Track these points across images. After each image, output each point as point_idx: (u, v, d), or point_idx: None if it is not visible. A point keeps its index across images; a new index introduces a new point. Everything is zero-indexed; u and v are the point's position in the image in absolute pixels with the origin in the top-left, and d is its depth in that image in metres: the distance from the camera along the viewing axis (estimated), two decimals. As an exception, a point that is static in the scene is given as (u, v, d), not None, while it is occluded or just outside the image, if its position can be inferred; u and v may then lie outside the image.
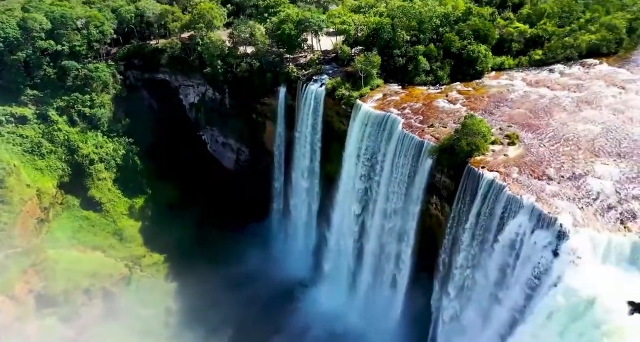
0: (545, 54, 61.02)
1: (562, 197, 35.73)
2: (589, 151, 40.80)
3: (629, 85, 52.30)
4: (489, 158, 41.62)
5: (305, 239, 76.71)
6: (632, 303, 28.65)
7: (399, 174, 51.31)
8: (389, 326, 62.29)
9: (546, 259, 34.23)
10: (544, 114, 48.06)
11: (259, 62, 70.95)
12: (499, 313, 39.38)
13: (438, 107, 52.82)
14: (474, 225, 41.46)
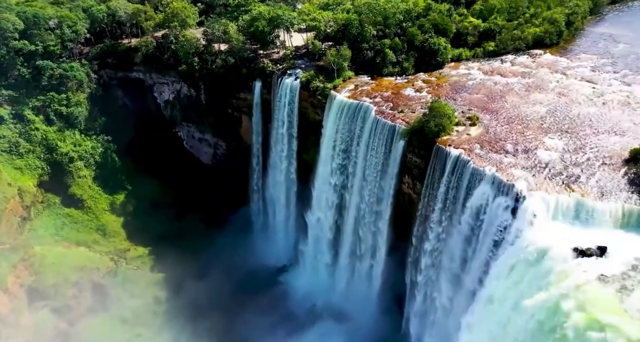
0: (497, 46, 67.38)
1: (518, 167, 41.39)
2: (538, 128, 46.85)
3: (569, 72, 59.22)
4: (454, 137, 46.92)
5: (284, 227, 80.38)
6: (576, 249, 34.12)
7: (374, 157, 55.96)
8: (368, 301, 67.26)
9: (506, 220, 39.72)
10: (499, 98, 53.97)
11: (233, 59, 74.03)
12: (468, 276, 44.74)
13: (406, 95, 57.92)
14: (443, 197, 46.67)
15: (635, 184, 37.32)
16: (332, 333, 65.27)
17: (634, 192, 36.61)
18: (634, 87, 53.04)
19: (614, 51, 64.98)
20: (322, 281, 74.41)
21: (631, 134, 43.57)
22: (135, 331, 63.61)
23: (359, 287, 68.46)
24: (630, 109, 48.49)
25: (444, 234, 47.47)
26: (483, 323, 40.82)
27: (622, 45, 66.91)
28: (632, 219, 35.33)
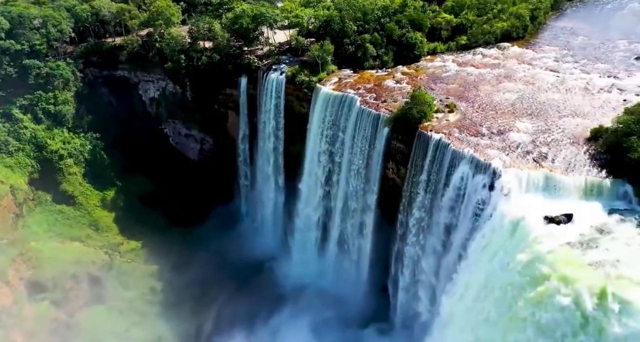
0: (469, 40, 71.72)
1: (493, 148, 45.47)
2: (509, 113, 51.15)
3: (535, 63, 64.04)
4: (435, 123, 50.72)
5: (272, 218, 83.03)
6: (546, 217, 38.21)
7: (360, 145, 59.34)
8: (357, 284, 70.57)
9: (484, 195, 43.80)
10: (473, 87, 58.14)
11: (219, 56, 76.07)
12: (452, 248, 48.65)
13: (387, 86, 61.52)
14: (426, 178, 50.47)
15: (596, 159, 41.87)
16: (322, 312, 68.34)
17: (595, 166, 41.13)
18: (592, 75, 58.08)
19: (573, 43, 70.29)
20: (311, 269, 77.28)
21: (591, 116, 48.28)
22: (132, 319, 65.48)
23: (348, 272, 71.71)
24: (590, 94, 53.40)
25: (428, 211, 51.27)
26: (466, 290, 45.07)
27: (580, 37, 72.33)
28: (594, 190, 39.72)
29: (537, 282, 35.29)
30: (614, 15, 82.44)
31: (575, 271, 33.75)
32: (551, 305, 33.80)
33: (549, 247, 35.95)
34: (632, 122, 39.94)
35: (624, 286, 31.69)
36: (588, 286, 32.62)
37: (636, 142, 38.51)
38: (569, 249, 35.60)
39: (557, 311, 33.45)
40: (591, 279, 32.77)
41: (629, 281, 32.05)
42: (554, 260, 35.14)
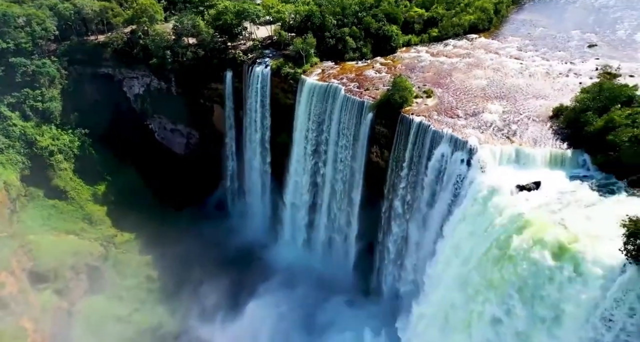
0: (440, 32, 76.41)
1: (469, 127, 50.06)
2: (481, 97, 55.96)
3: (500, 52, 69.25)
4: (415, 108, 54.99)
5: (261, 208, 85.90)
6: (518, 185, 42.92)
7: (345, 131, 63.09)
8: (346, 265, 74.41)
9: (463, 170, 48.27)
10: (447, 75, 62.78)
11: (203, 51, 78.18)
12: (435, 219, 53.16)
13: (368, 76, 65.43)
14: (409, 158, 54.73)
15: (558, 133, 47.02)
16: (311, 285, 71.93)
17: (557, 140, 46.25)
18: (551, 61, 63.76)
19: (533, 34, 76.16)
20: (300, 252, 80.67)
21: (552, 98, 53.56)
22: (133, 306, 67.46)
23: (337, 253, 75.52)
24: (550, 78, 58.88)
25: (412, 188, 55.64)
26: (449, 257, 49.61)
27: (539, 29, 78.34)
28: (557, 160, 44.72)
29: (512, 241, 39.92)
30: (568, 9, 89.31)
31: (544, 229, 38.47)
32: (524, 260, 38.42)
33: (522, 210, 40.56)
34: (588, 99, 45.28)
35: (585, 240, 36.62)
36: (555, 241, 37.34)
37: (592, 116, 43.79)
38: (539, 211, 40.27)
39: (529, 265, 38.15)
40: (558, 235, 37.49)
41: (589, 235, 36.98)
42: (526, 221, 39.82)
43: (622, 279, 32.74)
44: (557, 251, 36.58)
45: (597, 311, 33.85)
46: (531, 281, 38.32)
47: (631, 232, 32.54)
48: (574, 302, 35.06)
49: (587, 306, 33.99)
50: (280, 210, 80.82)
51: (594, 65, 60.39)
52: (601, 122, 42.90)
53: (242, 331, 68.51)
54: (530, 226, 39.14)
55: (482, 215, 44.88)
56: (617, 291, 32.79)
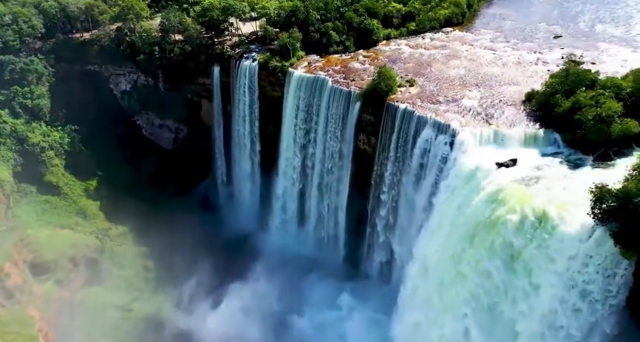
0: (417, 26, 79.75)
1: (450, 112, 53.80)
2: (460, 85, 59.82)
3: (475, 43, 73.31)
4: (399, 96, 58.42)
5: (251, 195, 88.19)
6: (497, 163, 46.79)
7: (333, 120, 65.99)
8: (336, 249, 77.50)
9: (446, 151, 52.00)
10: (426, 65, 66.39)
11: (190, 47, 79.78)
12: (421, 199, 56.82)
13: (353, 67, 68.49)
14: (395, 143, 58.17)
15: (531, 115, 51.16)
16: (303, 269, 74.84)
17: (530, 121, 50.38)
18: (521, 51, 68.14)
19: (504, 27, 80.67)
20: (291, 240, 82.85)
21: (524, 84, 57.74)
22: (131, 295, 68.90)
23: (327, 240, 78.12)
24: (521, 67, 63.23)
25: (399, 172, 59.12)
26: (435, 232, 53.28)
27: (509, 22, 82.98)
28: (531, 139, 48.75)
29: (493, 211, 43.76)
30: (534, 3, 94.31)
31: (521, 199, 42.31)
32: (504, 228, 42.30)
33: (501, 184, 44.47)
34: (557, 83, 49.57)
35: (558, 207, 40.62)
36: (531, 209, 41.26)
37: (560, 99, 48.06)
38: (516, 184, 43.93)
39: (509, 232, 42.00)
40: (533, 204, 41.38)
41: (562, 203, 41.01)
42: (505, 194, 43.61)
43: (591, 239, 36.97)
44: (534, 217, 40.43)
45: (570, 268, 38.01)
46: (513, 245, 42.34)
47: (597, 198, 36.52)
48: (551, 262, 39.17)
49: (561, 264, 38.06)
50: (270, 199, 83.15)
51: (559, 54, 65.07)
52: (568, 103, 47.15)
53: (229, 312, 70.99)
54: (510, 197, 42.92)
55: (465, 191, 48.73)
56: (587, 249, 36.96)
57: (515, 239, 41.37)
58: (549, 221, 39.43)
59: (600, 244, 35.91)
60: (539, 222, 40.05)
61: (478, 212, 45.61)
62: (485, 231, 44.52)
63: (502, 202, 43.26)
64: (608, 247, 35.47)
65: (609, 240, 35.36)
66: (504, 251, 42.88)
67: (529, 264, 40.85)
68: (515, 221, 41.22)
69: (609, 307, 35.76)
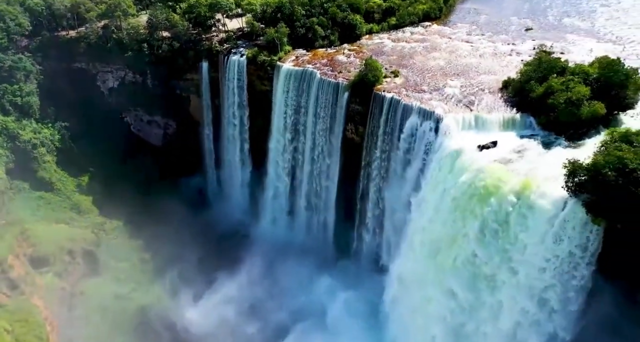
0: (398, 20, 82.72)
1: (434, 100, 57.07)
2: (441, 75, 63.21)
3: (453, 36, 76.89)
4: (385, 86, 61.39)
5: (241, 188, 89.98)
6: (479, 145, 50.19)
7: (322, 111, 68.50)
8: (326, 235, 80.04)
9: (431, 136, 55.27)
10: (409, 57, 69.61)
11: (178, 43, 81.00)
12: (408, 182, 60.04)
13: (339, 60, 71.14)
14: (383, 131, 61.14)
15: (508, 101, 54.73)
16: (294, 256, 77.19)
17: (508, 106, 53.97)
18: (496, 43, 72.07)
19: (479, 21, 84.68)
20: (282, 231, 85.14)
21: (500, 73, 61.46)
22: (130, 286, 70.22)
23: (317, 230, 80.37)
24: (497, 57, 67.12)
25: (386, 158, 62.17)
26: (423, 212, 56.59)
27: (483, 16, 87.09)
28: (509, 123, 52.19)
29: (476, 188, 47.14)
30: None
31: (502, 177, 45.79)
32: (487, 203, 45.80)
33: (483, 164, 47.93)
34: (531, 71, 53.38)
35: (535, 182, 44.31)
36: (511, 185, 44.82)
37: (534, 85, 51.83)
38: (497, 164, 47.62)
39: (491, 206, 45.51)
40: (513, 181, 44.83)
41: (539, 178, 44.65)
42: (488, 172, 47.03)
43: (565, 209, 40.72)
44: (514, 193, 44.01)
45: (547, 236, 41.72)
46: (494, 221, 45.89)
47: (570, 172, 40.29)
48: (530, 233, 42.85)
49: (540, 234, 41.74)
50: (261, 191, 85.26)
51: (531, 45, 69.10)
52: (542, 89, 50.93)
53: (222, 300, 73.12)
54: (492, 175, 46.43)
55: (450, 172, 52.10)
56: (561, 219, 40.69)
57: (499, 212, 44.91)
58: (528, 194, 43.12)
59: (574, 213, 39.70)
60: (519, 196, 43.68)
61: (463, 191, 49.01)
62: (469, 207, 47.93)
63: (485, 179, 46.75)
64: (581, 215, 39.29)
65: (581, 209, 39.19)
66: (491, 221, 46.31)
67: (512, 234, 44.50)
68: (498, 196, 44.74)
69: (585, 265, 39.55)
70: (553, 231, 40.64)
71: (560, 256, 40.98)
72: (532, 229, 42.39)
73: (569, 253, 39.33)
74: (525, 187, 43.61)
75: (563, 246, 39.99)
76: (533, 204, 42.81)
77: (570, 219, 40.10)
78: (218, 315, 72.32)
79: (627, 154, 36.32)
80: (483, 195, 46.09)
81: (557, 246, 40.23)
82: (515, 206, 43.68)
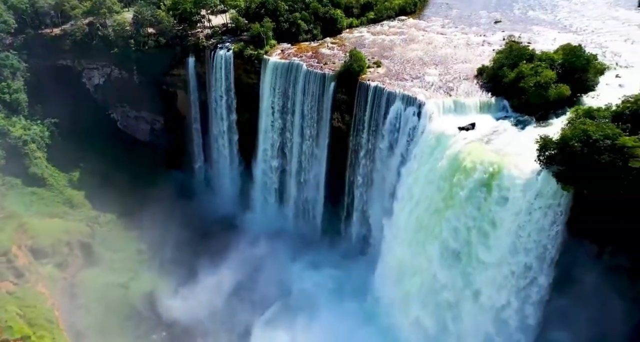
0: (376, 15, 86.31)
1: (415, 87, 60.82)
2: (420, 64, 67.06)
3: (428, 29, 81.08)
4: (369, 75, 64.73)
5: (230, 179, 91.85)
6: (459, 127, 54.33)
7: (309, 102, 71.42)
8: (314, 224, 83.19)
9: (415, 121, 59.09)
10: (389, 49, 73.26)
11: (165, 39, 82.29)
12: (393, 163, 63.69)
13: (323, 53, 74.14)
14: (369, 118, 64.62)
15: (483, 87, 58.92)
16: (286, 242, 79.89)
17: (483, 91, 58.17)
18: (469, 35, 76.61)
19: (451, 14, 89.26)
20: (272, 220, 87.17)
21: (475, 61, 65.66)
22: (128, 275, 71.44)
23: (307, 215, 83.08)
24: (470, 47, 71.57)
25: (373, 143, 65.67)
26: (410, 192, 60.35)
27: (455, 10, 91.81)
28: (485, 107, 56.28)
29: (459, 166, 51.14)
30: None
31: (482, 155, 49.81)
32: (469, 179, 49.85)
33: (464, 144, 52.00)
34: (503, 58, 57.82)
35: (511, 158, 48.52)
36: (491, 162, 48.98)
37: (506, 71, 56.24)
38: (476, 143, 51.53)
39: (473, 182, 49.53)
40: (492, 158, 49.10)
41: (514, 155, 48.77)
42: (468, 151, 50.99)
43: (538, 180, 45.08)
44: (493, 168, 48.16)
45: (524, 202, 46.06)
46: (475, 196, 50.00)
47: (541, 146, 44.70)
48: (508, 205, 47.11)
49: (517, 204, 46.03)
50: (251, 181, 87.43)
51: (501, 36, 73.98)
52: (513, 74, 55.35)
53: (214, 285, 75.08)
54: (472, 154, 50.50)
55: (433, 153, 56.02)
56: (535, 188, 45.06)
57: (480, 187, 49.03)
58: (505, 170, 47.42)
59: (546, 182, 44.13)
60: (497, 170, 47.87)
61: (446, 169, 52.95)
62: (453, 184, 51.88)
63: (465, 158, 50.79)
64: (552, 184, 43.74)
65: (552, 179, 43.63)
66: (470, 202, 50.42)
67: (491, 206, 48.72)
68: (478, 172, 48.82)
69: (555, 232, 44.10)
70: (528, 198, 45.01)
71: (535, 216, 45.37)
72: (511, 198, 46.64)
73: (545, 214, 43.64)
74: (502, 162, 47.91)
75: (538, 211, 44.39)
76: (510, 177, 47.14)
77: (543, 188, 44.58)
78: (208, 299, 73.79)
79: (591, 127, 40.81)
80: (465, 170, 50.12)
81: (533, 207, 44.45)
82: (494, 178, 47.88)
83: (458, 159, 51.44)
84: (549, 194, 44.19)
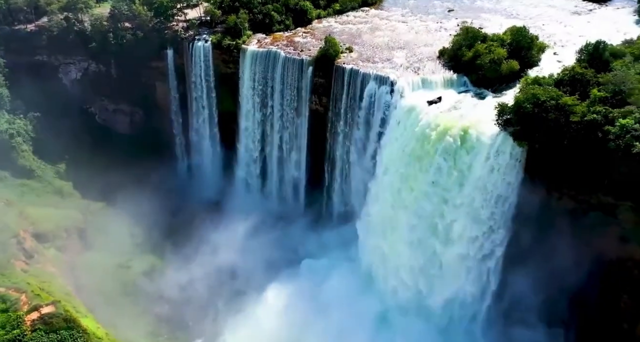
0: (341, 6, 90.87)
1: (387, 68, 66.92)
2: (388, 49, 73.28)
3: (390, 18, 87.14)
4: (344, 59, 70.36)
5: (212, 166, 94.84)
6: (428, 101, 60.98)
7: (288, 87, 76.12)
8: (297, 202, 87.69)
9: (388, 98, 65.41)
10: (358, 37, 78.95)
11: (142, 32, 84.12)
12: (370, 139, 69.89)
13: (297, 41, 78.86)
14: (346, 99, 70.33)
15: (446, 66, 65.49)
16: (268, 218, 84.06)
17: (446, 69, 64.92)
18: (427, 22, 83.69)
19: (409, 4, 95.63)
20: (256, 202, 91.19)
21: (435, 44, 72.37)
22: (126, 257, 73.74)
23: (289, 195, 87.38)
24: (430, 33, 78.66)
25: (350, 121, 71.48)
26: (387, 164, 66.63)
27: (411, 1, 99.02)
28: (449, 82, 63.18)
29: (429, 135, 57.90)
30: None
31: (449, 123, 56.84)
32: (440, 146, 56.74)
33: (433, 115, 58.79)
34: (461, 40, 65.16)
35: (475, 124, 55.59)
36: (458, 128, 56.02)
37: (465, 51, 63.47)
38: (444, 114, 58.41)
39: (445, 148, 56.45)
40: (458, 124, 56.22)
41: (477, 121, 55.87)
42: (437, 121, 57.88)
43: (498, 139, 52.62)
44: (460, 134, 55.30)
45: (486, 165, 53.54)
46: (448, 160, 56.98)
47: (499, 111, 52.33)
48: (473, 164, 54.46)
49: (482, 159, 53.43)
50: (234, 166, 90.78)
51: (455, 23, 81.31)
52: (471, 53, 62.72)
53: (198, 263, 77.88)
54: (440, 123, 57.42)
55: (406, 126, 62.63)
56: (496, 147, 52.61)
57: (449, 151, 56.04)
58: (470, 133, 54.70)
59: (504, 141, 51.79)
60: (464, 135, 55.09)
61: (418, 139, 59.65)
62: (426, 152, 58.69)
63: (436, 127, 57.64)
64: (509, 142, 51.42)
65: (509, 138, 51.29)
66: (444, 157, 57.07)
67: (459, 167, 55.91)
68: (448, 138, 55.73)
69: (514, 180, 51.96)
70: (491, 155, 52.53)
71: (496, 168, 53.09)
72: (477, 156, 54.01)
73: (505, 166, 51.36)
74: (467, 128, 55.17)
75: (500, 164, 52.08)
76: (475, 139, 54.48)
77: (502, 145, 52.24)
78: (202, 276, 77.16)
79: (539, 90, 48.59)
80: (436, 137, 57.02)
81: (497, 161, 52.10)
82: (462, 142, 55.07)
83: (430, 125, 58.18)
84: (507, 150, 51.91)
